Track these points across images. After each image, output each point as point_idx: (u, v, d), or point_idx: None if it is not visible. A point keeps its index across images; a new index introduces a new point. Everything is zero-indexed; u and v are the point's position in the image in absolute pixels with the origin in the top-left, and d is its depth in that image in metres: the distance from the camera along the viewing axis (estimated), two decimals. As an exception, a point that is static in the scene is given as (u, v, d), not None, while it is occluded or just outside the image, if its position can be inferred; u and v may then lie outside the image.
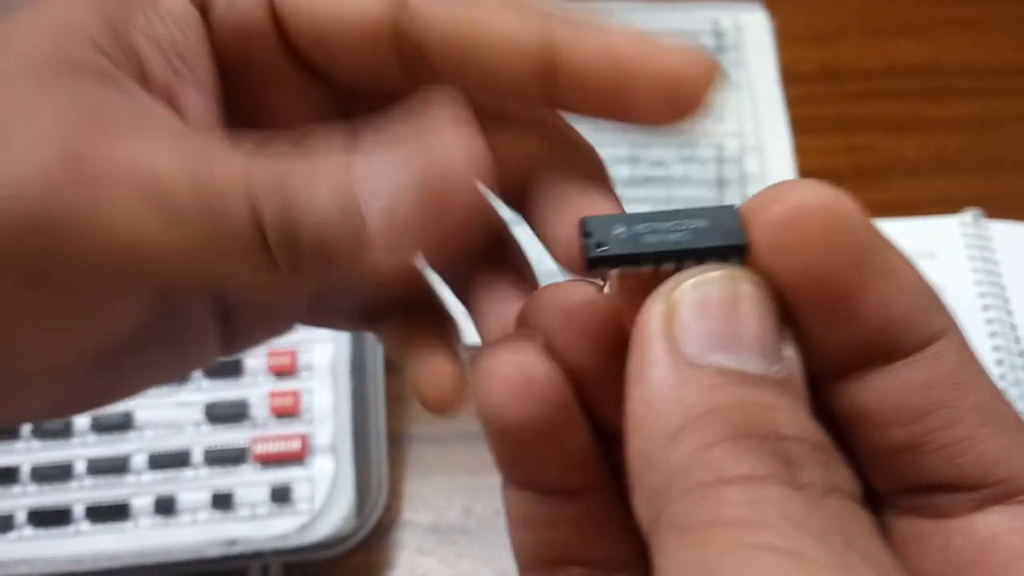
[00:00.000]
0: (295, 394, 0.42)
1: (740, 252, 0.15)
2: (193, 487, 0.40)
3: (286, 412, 0.42)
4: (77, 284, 0.17)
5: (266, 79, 0.20)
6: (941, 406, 0.15)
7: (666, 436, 0.14)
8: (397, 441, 0.44)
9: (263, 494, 0.40)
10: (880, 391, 0.15)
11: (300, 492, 0.40)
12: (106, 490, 0.40)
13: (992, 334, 0.45)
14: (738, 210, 0.16)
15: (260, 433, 0.41)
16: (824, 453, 0.14)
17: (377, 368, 0.44)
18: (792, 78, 0.58)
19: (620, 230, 0.16)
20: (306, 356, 0.43)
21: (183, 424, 0.41)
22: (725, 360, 0.14)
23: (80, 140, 0.16)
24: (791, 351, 0.15)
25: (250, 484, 0.40)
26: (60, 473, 0.40)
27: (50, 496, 0.39)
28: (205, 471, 0.40)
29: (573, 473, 0.17)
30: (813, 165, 0.54)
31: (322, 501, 0.39)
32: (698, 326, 0.14)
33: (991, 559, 0.15)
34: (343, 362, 0.43)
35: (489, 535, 0.41)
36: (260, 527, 0.39)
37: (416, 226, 0.16)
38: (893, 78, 0.58)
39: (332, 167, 0.17)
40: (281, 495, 0.39)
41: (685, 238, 0.16)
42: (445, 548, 0.41)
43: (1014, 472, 0.15)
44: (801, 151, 0.54)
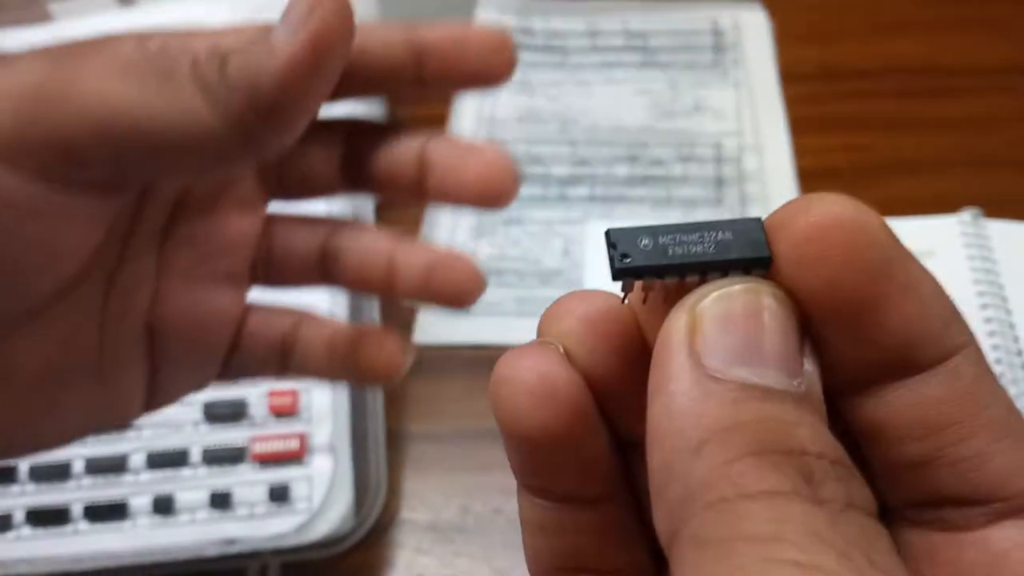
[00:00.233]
0: (293, 393, 0.42)
1: (764, 265, 0.15)
2: (191, 486, 0.40)
3: (284, 411, 0.42)
4: (63, 154, 0.22)
5: None
6: (956, 421, 0.15)
7: (688, 450, 0.14)
8: (395, 440, 0.44)
9: (261, 493, 0.40)
10: (896, 405, 0.15)
11: (298, 491, 0.40)
12: (104, 489, 0.39)
13: (990, 333, 0.45)
14: (763, 223, 0.16)
15: (258, 432, 0.41)
16: (843, 469, 0.14)
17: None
18: (791, 77, 0.58)
19: (645, 241, 0.16)
20: (305, 355, 0.42)
21: (181, 423, 0.41)
22: (747, 374, 0.14)
23: (66, 52, 0.22)
24: (812, 365, 0.15)
25: (248, 483, 0.40)
26: (58, 472, 0.40)
27: (48, 495, 0.39)
28: (203, 470, 0.40)
29: (590, 482, 0.17)
30: (812, 164, 0.54)
31: (320, 500, 0.39)
32: (721, 339, 0.14)
33: (1003, 573, 0.15)
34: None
35: (487, 534, 0.41)
36: (258, 526, 0.39)
37: (309, 17, 0.21)
38: (892, 77, 0.58)
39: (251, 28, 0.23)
40: (279, 494, 0.39)
41: (709, 250, 0.16)
42: (443, 547, 0.41)
43: None
44: (800, 150, 0.54)
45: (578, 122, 0.57)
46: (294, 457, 0.40)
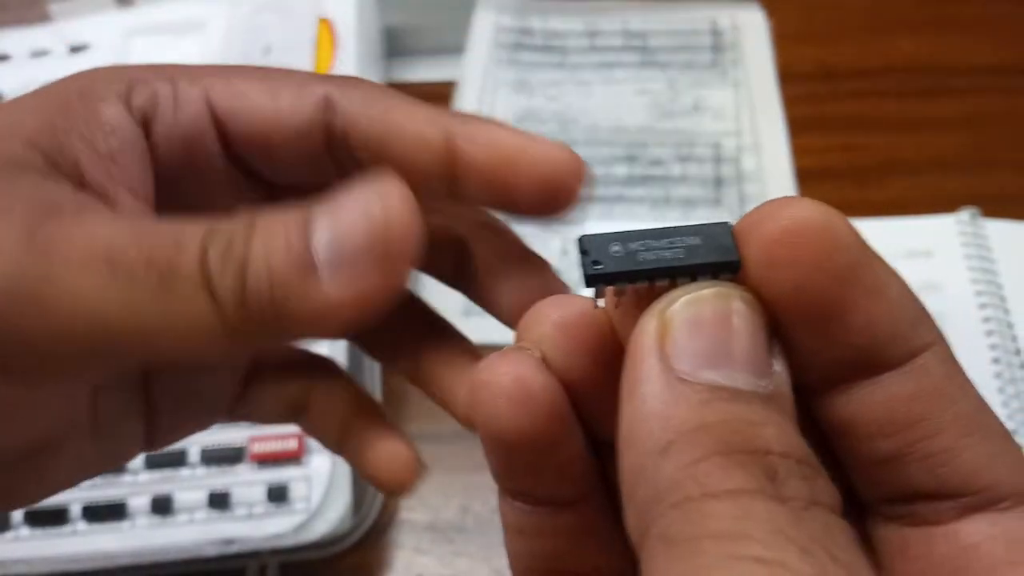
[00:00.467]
0: (292, 393, 0.42)
1: (733, 269, 0.16)
2: (190, 487, 0.40)
3: (283, 411, 0.42)
4: (33, 362, 0.18)
5: (206, 179, 0.22)
6: (925, 417, 0.15)
7: (656, 451, 0.14)
8: (394, 440, 0.44)
9: (260, 493, 0.40)
10: (866, 403, 0.16)
11: (297, 491, 0.40)
12: (103, 490, 0.40)
13: (988, 332, 0.45)
14: (731, 227, 0.16)
15: (257, 432, 0.41)
16: (808, 467, 0.14)
17: (374, 367, 0.44)
18: (789, 77, 0.58)
19: (616, 248, 0.16)
20: (303, 355, 0.42)
21: (180, 423, 0.41)
22: (716, 377, 0.15)
23: (36, 224, 0.17)
24: (781, 366, 0.15)
25: (247, 483, 0.40)
26: (57, 473, 0.40)
27: (47, 496, 0.39)
28: (202, 470, 0.40)
29: (567, 484, 0.18)
30: (810, 164, 0.54)
31: (319, 500, 0.39)
32: (690, 343, 0.15)
33: (974, 565, 0.15)
34: (340, 361, 0.43)
35: (486, 534, 0.41)
36: (257, 526, 0.39)
37: (363, 261, 0.17)
38: (890, 77, 0.58)
39: (283, 216, 0.18)
40: (278, 494, 0.39)
41: (679, 255, 0.16)
42: (442, 547, 0.41)
43: (996, 480, 0.15)
44: (798, 150, 0.54)
45: (577, 122, 0.57)
46: (292, 457, 0.40)
